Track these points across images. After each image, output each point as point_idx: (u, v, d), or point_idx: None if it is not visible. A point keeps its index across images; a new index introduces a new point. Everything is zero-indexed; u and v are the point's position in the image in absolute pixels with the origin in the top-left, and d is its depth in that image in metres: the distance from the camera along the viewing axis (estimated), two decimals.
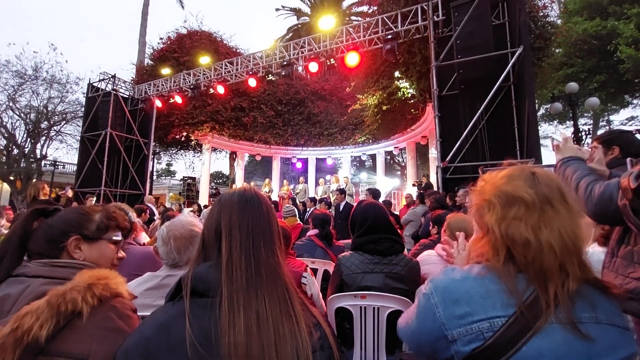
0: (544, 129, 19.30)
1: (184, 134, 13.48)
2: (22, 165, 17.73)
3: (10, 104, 17.48)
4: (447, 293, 0.75)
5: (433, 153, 10.64)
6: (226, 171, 25.98)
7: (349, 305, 1.71)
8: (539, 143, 5.70)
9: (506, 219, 0.73)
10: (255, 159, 16.84)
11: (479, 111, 6.05)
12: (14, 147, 17.90)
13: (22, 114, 17.89)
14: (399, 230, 3.24)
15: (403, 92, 9.80)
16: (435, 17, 6.92)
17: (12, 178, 17.46)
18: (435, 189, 6.77)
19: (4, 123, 17.57)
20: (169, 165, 31.57)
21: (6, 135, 17.66)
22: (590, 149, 1.55)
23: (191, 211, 7.45)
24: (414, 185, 10.94)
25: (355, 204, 6.74)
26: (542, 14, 8.05)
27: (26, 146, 18.34)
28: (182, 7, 21.88)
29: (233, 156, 16.77)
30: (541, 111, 16.76)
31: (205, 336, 0.64)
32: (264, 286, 0.70)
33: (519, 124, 6.13)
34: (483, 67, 6.13)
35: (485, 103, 5.98)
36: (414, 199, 6.01)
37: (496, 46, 6.06)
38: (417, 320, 0.80)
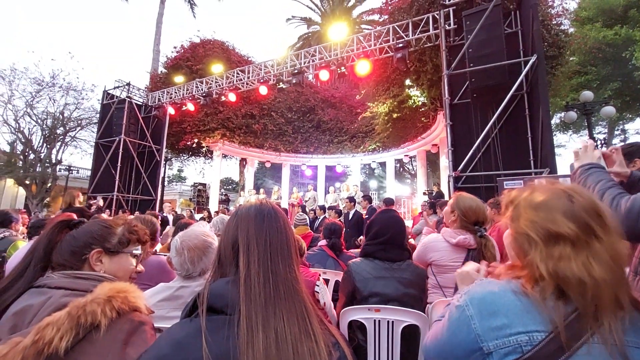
0: (558, 138, 18.99)
1: (195, 140, 13.67)
2: (37, 169, 18.18)
3: (28, 110, 18.05)
4: (484, 305, 0.73)
5: (444, 162, 10.55)
6: (236, 177, 26.20)
7: (362, 318, 1.68)
8: (553, 152, 5.60)
9: (552, 258, 0.70)
10: (265, 166, 16.94)
11: (492, 120, 5.99)
12: (30, 152, 18.40)
13: (39, 120, 18.45)
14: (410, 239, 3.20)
15: (414, 100, 9.77)
16: (446, 25, 6.92)
17: (27, 182, 17.91)
18: (446, 198, 6.69)
19: (22, 128, 18.12)
20: (180, 171, 32.07)
21: (23, 140, 18.18)
22: (610, 152, 1.48)
23: (201, 218, 7.51)
24: (424, 194, 10.85)
25: (364, 211, 6.74)
26: (555, 22, 7.97)
27: (42, 151, 18.84)
28: (194, 16, 22.42)
29: (243, 163, 16.90)
30: (555, 120, 16.51)
31: (222, 356, 0.63)
32: (282, 303, 0.69)
33: (532, 133, 6.04)
34: (495, 76, 6.09)
35: (497, 112, 5.92)
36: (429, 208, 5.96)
37: (508, 55, 6.02)
38: (449, 332, 0.78)
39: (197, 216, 8.40)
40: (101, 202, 8.45)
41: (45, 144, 18.86)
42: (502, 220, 0.87)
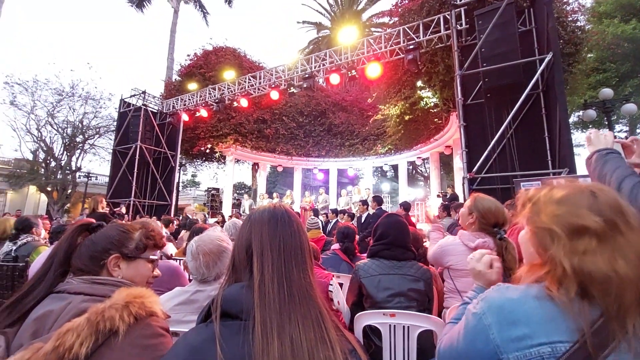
0: (577, 137, 18.46)
1: (209, 146, 13.87)
2: (58, 176, 18.80)
3: (49, 119, 18.74)
4: (503, 313, 0.69)
5: (458, 163, 10.39)
6: (248, 182, 26.43)
7: (377, 323, 1.66)
8: (572, 152, 5.44)
9: (577, 252, 0.66)
10: (277, 170, 17.05)
11: (507, 120, 5.87)
12: (51, 159, 19.06)
13: (59, 129, 19.14)
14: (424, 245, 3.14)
15: (426, 101, 9.68)
16: (458, 25, 6.84)
17: (49, 189, 18.54)
18: (461, 200, 6.57)
19: (44, 137, 18.81)
20: (194, 176, 32.63)
21: (45, 148, 18.86)
22: (629, 142, 1.40)
23: (215, 222, 7.59)
24: (438, 196, 10.70)
25: (373, 211, 6.66)
26: (571, 18, 7.78)
27: (62, 159, 19.50)
28: (207, 24, 22.85)
29: (255, 167, 17.05)
30: (572, 118, 16.07)
31: None
32: (297, 309, 0.68)
33: (549, 133, 5.89)
34: (509, 75, 5.98)
35: (513, 112, 5.80)
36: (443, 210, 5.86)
37: (523, 53, 5.90)
38: (465, 341, 0.75)
39: (211, 220, 8.51)
40: (124, 210, 8.83)
41: (65, 152, 19.54)
42: (518, 218, 0.83)
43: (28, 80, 18.15)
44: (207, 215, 11.59)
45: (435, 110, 9.71)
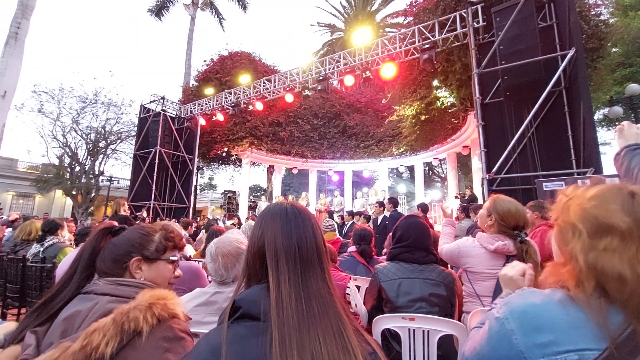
0: (602, 135, 17.73)
1: (225, 149, 14.08)
2: (82, 180, 19.54)
3: (74, 126, 19.53)
4: (526, 319, 0.67)
5: (476, 164, 10.16)
6: (264, 184, 26.68)
7: (396, 327, 1.63)
8: (597, 151, 5.23)
9: (595, 249, 0.64)
10: (292, 173, 17.13)
11: (527, 118, 5.70)
12: (76, 164, 19.83)
13: (83, 135, 19.90)
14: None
15: (442, 101, 9.53)
16: (475, 23, 6.71)
17: (74, 192, 19.28)
18: (480, 202, 6.42)
19: (69, 143, 19.60)
20: (211, 179, 33.20)
21: (70, 153, 19.64)
22: None
23: (232, 224, 7.69)
24: (456, 197, 10.48)
25: (388, 213, 6.59)
26: (594, 12, 7.51)
27: (86, 163, 20.25)
28: (223, 30, 23.27)
29: (270, 170, 17.19)
30: (597, 116, 15.46)
31: None
32: (317, 322, 0.66)
33: (573, 131, 5.68)
34: (530, 72, 5.82)
35: (534, 110, 5.63)
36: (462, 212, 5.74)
37: (543, 50, 5.73)
38: (488, 346, 0.73)
39: (228, 222, 8.63)
40: (145, 214, 9.17)
41: (89, 157, 20.31)
42: (551, 215, 0.80)
43: (54, 89, 19.01)
44: (222, 218, 11.79)
45: (452, 110, 9.54)
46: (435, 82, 9.27)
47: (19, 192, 20.99)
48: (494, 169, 5.87)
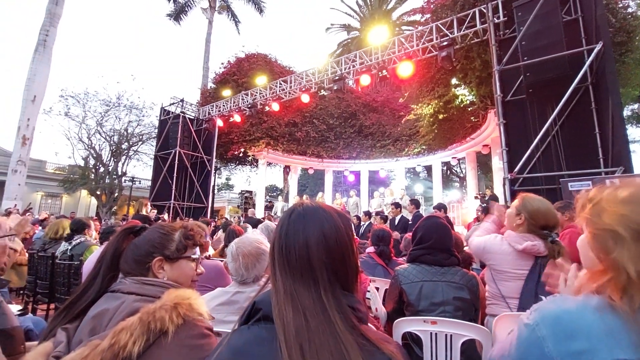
0: (631, 132, 16.93)
1: (242, 150, 14.26)
2: (106, 181, 20.26)
3: (98, 128, 20.29)
4: (559, 325, 0.64)
5: (497, 163, 9.89)
6: (280, 184, 26.86)
7: (417, 330, 1.60)
8: (627, 149, 5.00)
9: None
10: (308, 173, 17.16)
11: (551, 116, 5.50)
12: (100, 165, 20.59)
13: (107, 137, 20.65)
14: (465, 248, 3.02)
15: (461, 99, 9.31)
16: (495, 19, 6.53)
17: (98, 193, 20.03)
18: (501, 202, 6.24)
19: (93, 145, 20.37)
20: (228, 179, 33.68)
21: (95, 155, 20.40)
22: None
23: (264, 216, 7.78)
24: (476, 197, 10.25)
25: (411, 215, 6.51)
26: (621, 4, 7.17)
27: (110, 164, 20.99)
28: (239, 33, 23.57)
29: (287, 170, 17.28)
30: (626, 112, 14.77)
31: None
32: (312, 338, 0.60)
33: (600, 129, 5.43)
34: (554, 68, 5.60)
35: (558, 107, 5.43)
36: (482, 212, 5.61)
37: (568, 45, 5.51)
38: (518, 352, 0.70)
39: (250, 229, 8.76)
40: (166, 217, 9.36)
41: (112, 158, 21.06)
42: (578, 220, 0.76)
43: (80, 93, 19.80)
44: (238, 217, 11.92)
45: (471, 108, 9.31)
46: (454, 80, 9.06)
47: (47, 192, 21.99)
48: (517, 169, 5.70)
